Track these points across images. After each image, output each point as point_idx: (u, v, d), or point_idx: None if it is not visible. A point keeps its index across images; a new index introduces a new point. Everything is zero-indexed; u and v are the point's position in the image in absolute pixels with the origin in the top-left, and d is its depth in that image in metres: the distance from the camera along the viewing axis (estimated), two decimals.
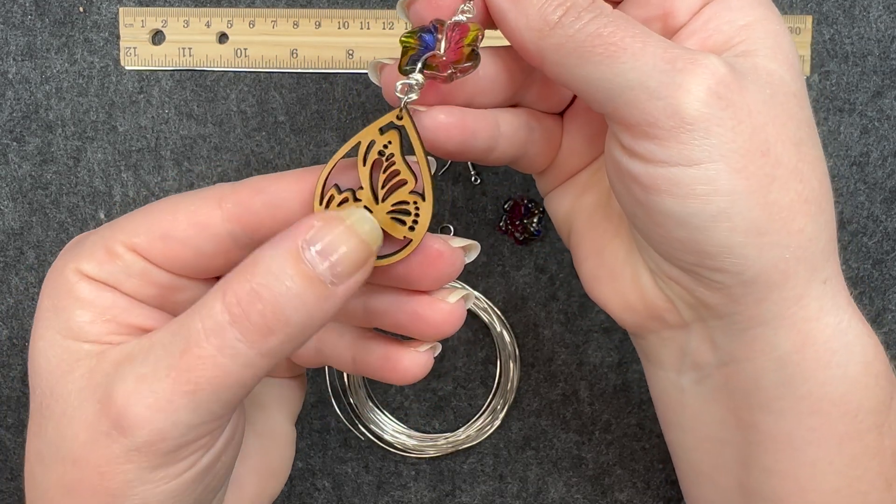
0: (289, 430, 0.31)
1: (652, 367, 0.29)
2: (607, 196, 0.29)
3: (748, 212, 0.23)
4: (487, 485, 0.42)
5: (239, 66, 0.40)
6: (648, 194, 0.23)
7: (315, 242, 0.22)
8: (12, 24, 0.40)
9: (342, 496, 0.42)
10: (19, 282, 0.41)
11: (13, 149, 0.41)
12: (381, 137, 0.24)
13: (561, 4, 0.23)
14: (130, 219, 0.25)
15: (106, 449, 0.22)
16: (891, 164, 0.41)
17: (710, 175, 0.22)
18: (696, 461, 0.29)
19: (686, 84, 0.22)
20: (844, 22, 0.40)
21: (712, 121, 0.22)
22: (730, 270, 0.24)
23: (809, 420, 0.25)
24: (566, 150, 0.29)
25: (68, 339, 0.23)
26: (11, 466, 0.42)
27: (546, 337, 0.42)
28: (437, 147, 0.25)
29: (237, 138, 0.41)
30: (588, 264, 0.29)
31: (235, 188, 0.25)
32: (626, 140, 0.24)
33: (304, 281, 0.21)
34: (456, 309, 0.25)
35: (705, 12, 0.25)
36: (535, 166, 0.29)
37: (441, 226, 0.41)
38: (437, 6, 0.24)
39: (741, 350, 0.25)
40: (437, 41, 0.24)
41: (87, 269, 0.24)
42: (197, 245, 0.24)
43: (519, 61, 0.26)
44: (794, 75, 0.24)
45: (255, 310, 0.21)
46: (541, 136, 0.28)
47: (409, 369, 0.26)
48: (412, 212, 0.24)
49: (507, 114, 0.27)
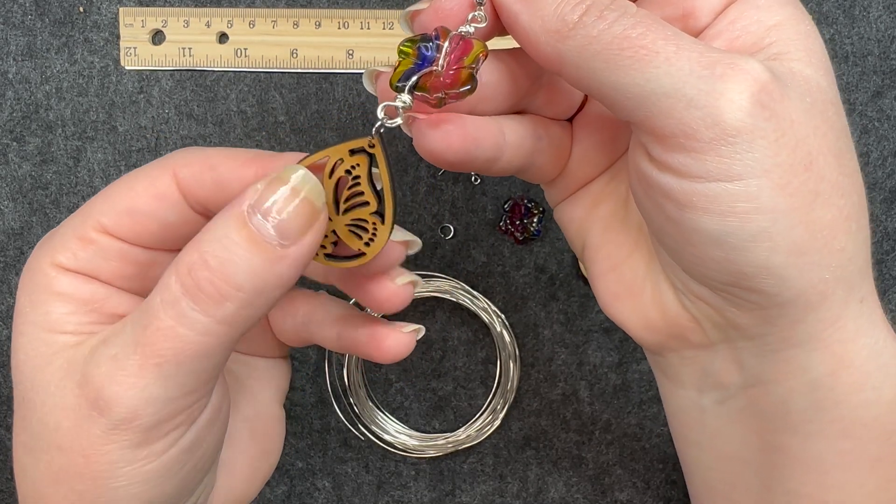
0: (277, 411, 0.31)
1: (670, 384, 0.28)
2: (623, 207, 0.27)
3: (790, 231, 0.21)
4: (487, 485, 0.42)
5: (239, 66, 0.40)
6: (682, 211, 0.22)
7: (259, 205, 0.22)
8: (12, 24, 0.40)
9: (342, 496, 0.42)
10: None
11: (13, 149, 0.41)
12: (350, 158, 0.23)
13: (580, 3, 0.21)
14: (94, 202, 0.25)
15: (88, 432, 0.22)
16: (891, 164, 0.41)
17: (752, 192, 0.21)
18: (712, 480, 0.28)
19: (728, 92, 0.20)
20: (844, 22, 0.40)
21: (756, 132, 0.20)
22: (767, 292, 0.22)
23: (840, 443, 0.24)
24: (577, 158, 0.28)
25: (47, 332, 0.24)
26: (11, 466, 0.42)
27: (546, 337, 0.42)
28: (437, 157, 0.23)
29: (237, 138, 0.41)
30: (604, 280, 0.27)
31: (188, 160, 0.25)
32: (657, 152, 0.22)
33: (250, 244, 0.21)
34: (401, 290, 0.26)
35: (730, 12, 0.23)
36: (544, 176, 0.28)
37: (441, 226, 0.41)
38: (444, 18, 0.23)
39: (770, 372, 0.24)
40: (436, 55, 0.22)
41: (62, 261, 0.24)
42: (162, 216, 0.25)
43: (524, 65, 0.25)
44: (830, 81, 0.23)
45: (203, 277, 0.21)
46: (549, 144, 0.27)
47: (392, 348, 0.27)
48: (370, 230, 0.24)
49: (513, 121, 0.25)
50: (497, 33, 0.24)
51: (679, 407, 0.28)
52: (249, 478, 0.30)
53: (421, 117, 0.23)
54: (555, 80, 0.26)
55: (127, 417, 0.22)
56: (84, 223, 0.25)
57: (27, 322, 0.24)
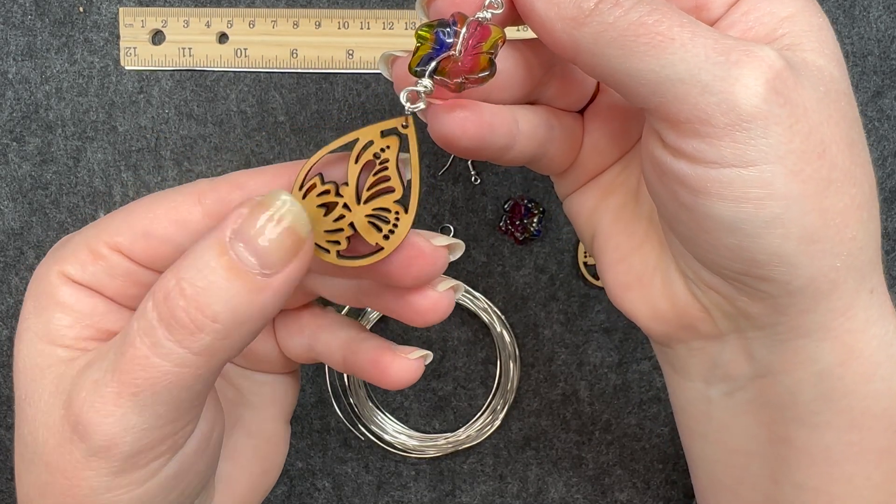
0: (282, 428, 0.31)
1: (676, 376, 0.28)
2: (634, 198, 0.27)
3: (803, 218, 0.21)
4: (487, 485, 0.42)
5: (239, 66, 0.40)
6: (696, 197, 0.22)
7: (241, 232, 0.21)
8: (12, 24, 0.40)
9: (342, 496, 0.42)
10: (19, 282, 0.41)
11: (13, 149, 0.41)
12: (380, 140, 0.23)
13: None
14: (112, 218, 0.25)
15: (69, 455, 0.22)
16: (891, 164, 0.41)
17: (766, 178, 0.21)
18: (718, 473, 0.28)
19: (743, 78, 0.20)
20: (844, 22, 0.40)
21: (770, 119, 0.21)
22: (778, 280, 0.22)
23: (848, 435, 0.24)
24: (588, 149, 0.28)
25: (45, 342, 0.23)
26: (11, 466, 0.42)
27: (546, 337, 0.42)
28: (452, 143, 0.23)
29: (237, 138, 0.41)
30: (614, 271, 0.27)
31: (215, 184, 0.24)
32: (671, 138, 0.22)
33: (229, 273, 0.20)
34: (444, 297, 0.25)
35: (743, 4, 0.23)
36: (556, 167, 0.28)
37: (441, 226, 0.41)
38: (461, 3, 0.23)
39: (780, 362, 0.24)
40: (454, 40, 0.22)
41: (70, 272, 0.24)
42: (178, 242, 0.24)
43: (538, 55, 0.25)
44: (843, 72, 0.23)
45: (178, 306, 0.20)
46: (561, 134, 0.27)
47: (397, 375, 0.26)
48: (391, 220, 0.23)
49: (526, 111, 0.25)
50: (512, 21, 0.24)
51: (686, 399, 0.28)
52: (249, 493, 0.29)
53: (438, 103, 0.23)
54: (567, 70, 0.26)
55: (105, 445, 0.21)
56: (98, 237, 0.24)
57: (28, 329, 0.24)
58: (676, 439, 0.42)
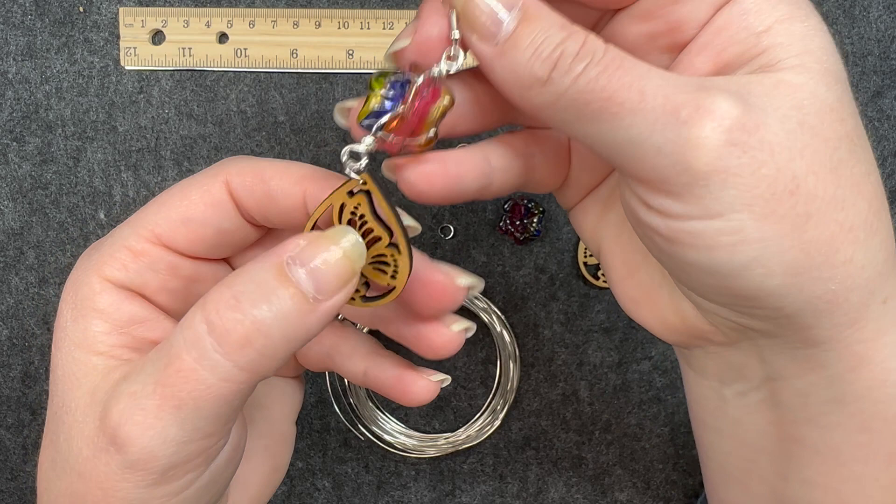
0: (289, 429, 0.31)
1: (693, 373, 0.28)
2: None
3: (782, 255, 0.21)
4: (487, 485, 0.42)
5: (239, 66, 0.40)
6: (671, 245, 0.22)
7: (300, 259, 0.22)
8: (12, 24, 0.40)
9: (342, 496, 0.42)
10: (19, 282, 0.41)
11: (13, 149, 0.41)
12: (350, 200, 0.24)
13: (548, 58, 0.21)
14: (146, 212, 0.25)
15: (105, 466, 0.22)
16: (891, 164, 0.41)
17: (735, 226, 0.21)
18: (728, 465, 0.28)
19: (693, 138, 0.20)
20: (844, 22, 0.40)
21: (728, 171, 0.20)
22: (770, 307, 0.22)
23: (858, 437, 0.24)
24: (577, 166, 0.27)
25: (82, 350, 0.24)
26: (11, 466, 0.42)
27: (546, 337, 0.42)
28: (422, 198, 0.24)
29: (237, 138, 0.41)
30: (623, 286, 0.28)
31: (241, 169, 0.25)
32: (640, 192, 0.22)
33: (286, 292, 0.21)
34: (457, 337, 0.26)
35: (717, 20, 0.22)
36: (546, 187, 0.28)
37: (441, 226, 0.41)
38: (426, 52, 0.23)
39: (791, 368, 0.24)
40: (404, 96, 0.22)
41: (110, 274, 0.24)
42: (217, 223, 0.25)
43: None
44: (830, 83, 0.22)
45: (232, 318, 0.21)
46: (543, 158, 0.26)
47: (418, 393, 0.27)
48: (391, 262, 0.24)
49: (498, 145, 0.25)
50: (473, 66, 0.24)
51: (701, 394, 0.28)
52: (261, 492, 0.30)
53: (401, 161, 0.24)
54: None
55: (142, 458, 0.21)
56: (136, 233, 0.24)
57: (66, 337, 0.24)
58: (676, 439, 0.42)
